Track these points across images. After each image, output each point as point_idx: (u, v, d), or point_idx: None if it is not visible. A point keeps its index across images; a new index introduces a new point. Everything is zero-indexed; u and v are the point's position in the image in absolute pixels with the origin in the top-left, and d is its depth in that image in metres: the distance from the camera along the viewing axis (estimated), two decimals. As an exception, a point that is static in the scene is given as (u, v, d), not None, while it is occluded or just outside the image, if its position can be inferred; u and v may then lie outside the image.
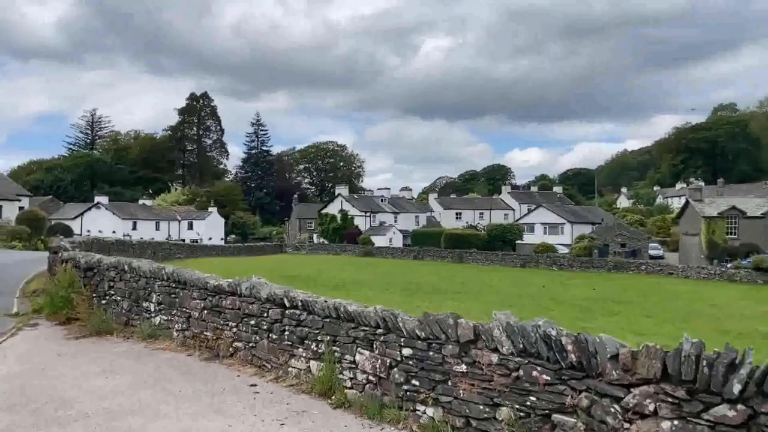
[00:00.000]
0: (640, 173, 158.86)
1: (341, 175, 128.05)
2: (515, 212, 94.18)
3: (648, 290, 35.68)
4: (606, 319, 22.78)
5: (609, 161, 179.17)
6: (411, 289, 31.32)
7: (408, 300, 25.81)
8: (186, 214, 80.00)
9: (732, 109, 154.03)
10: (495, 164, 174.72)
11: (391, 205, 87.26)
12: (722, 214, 54.82)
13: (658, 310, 25.72)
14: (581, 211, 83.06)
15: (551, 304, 26.30)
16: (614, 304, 27.13)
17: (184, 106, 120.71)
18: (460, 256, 62.32)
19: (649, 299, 30.38)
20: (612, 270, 52.57)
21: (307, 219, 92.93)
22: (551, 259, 57.51)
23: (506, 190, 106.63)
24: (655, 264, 53.81)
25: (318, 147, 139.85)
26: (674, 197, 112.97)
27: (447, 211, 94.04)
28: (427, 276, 40.58)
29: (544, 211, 77.53)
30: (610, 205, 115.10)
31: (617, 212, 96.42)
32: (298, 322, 6.21)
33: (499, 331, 4.40)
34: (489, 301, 26.22)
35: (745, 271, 46.56)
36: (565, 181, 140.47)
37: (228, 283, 7.32)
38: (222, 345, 7.36)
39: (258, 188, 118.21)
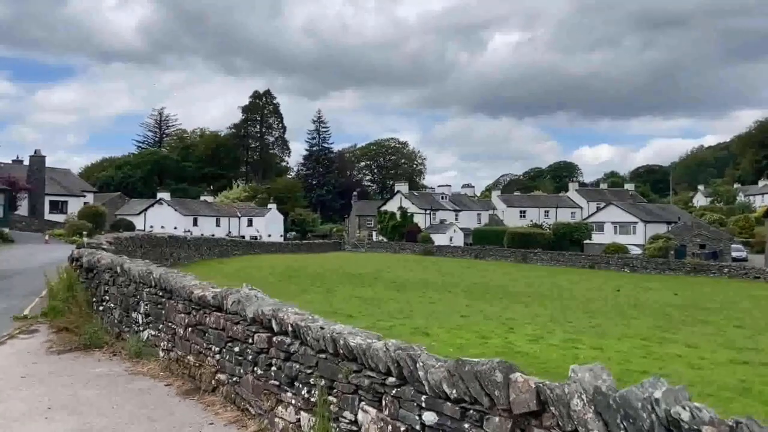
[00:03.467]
0: (718, 170, 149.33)
1: (402, 173, 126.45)
2: (583, 210, 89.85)
3: (738, 296, 32.15)
4: (691, 329, 20.11)
5: (684, 157, 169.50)
6: (475, 291, 29.42)
7: (473, 303, 23.97)
8: (246, 211, 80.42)
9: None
10: (561, 161, 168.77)
11: (452, 203, 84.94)
12: (818, 213, 49.73)
13: (754, 320, 22.67)
14: (655, 210, 78.05)
15: (631, 311, 23.74)
16: (700, 312, 24.24)
17: (248, 104, 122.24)
18: (524, 256, 59.49)
19: (741, 306, 27.15)
20: (691, 273, 48.55)
21: (366, 216, 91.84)
22: (623, 260, 53.90)
23: (573, 188, 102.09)
24: (740, 267, 49.37)
25: (379, 144, 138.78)
26: (757, 195, 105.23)
27: (510, 209, 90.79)
28: (491, 277, 38.48)
29: (614, 209, 73.28)
30: (685, 203, 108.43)
31: (694, 211, 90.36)
32: (288, 354, 4.49)
33: (583, 402, 2.54)
34: (562, 307, 23.98)
35: None
36: (637, 179, 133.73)
37: (213, 295, 5.69)
38: (204, 375, 5.77)
39: (319, 185, 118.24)
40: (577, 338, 16.50)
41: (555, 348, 14.95)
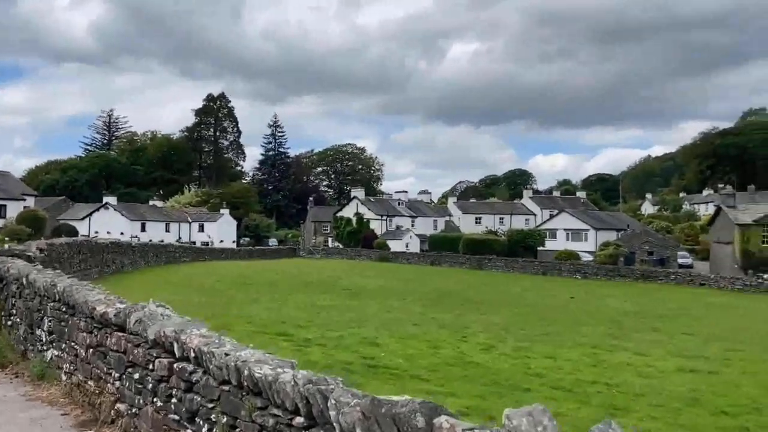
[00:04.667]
0: (665, 179, 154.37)
1: (359, 179, 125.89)
2: (537, 217, 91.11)
3: (683, 303, 32.79)
4: (641, 336, 20.21)
5: (633, 167, 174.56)
6: (430, 298, 29.08)
7: (427, 311, 23.56)
8: (197, 216, 78.37)
9: (762, 114, 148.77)
10: (517, 169, 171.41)
11: (409, 209, 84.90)
12: (758, 222, 51.46)
13: (700, 327, 22.99)
14: (606, 217, 79.74)
15: (582, 318, 23.75)
16: (650, 319, 24.47)
17: (201, 107, 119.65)
18: (479, 263, 59.74)
19: (688, 313, 27.60)
20: (639, 279, 49.56)
21: (322, 222, 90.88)
22: (575, 267, 54.65)
23: (528, 195, 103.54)
24: (686, 273, 50.72)
25: (337, 150, 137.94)
26: (701, 204, 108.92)
27: (466, 216, 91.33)
28: (446, 284, 38.26)
29: (567, 216, 74.47)
30: (634, 211, 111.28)
31: (642, 219, 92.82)
32: (189, 384, 3.85)
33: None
34: (515, 315, 23.81)
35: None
36: (589, 187, 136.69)
37: (116, 312, 4.98)
38: (104, 405, 5.06)
39: (274, 190, 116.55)
40: (530, 347, 16.26)
41: (507, 357, 14.65)
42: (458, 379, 11.86)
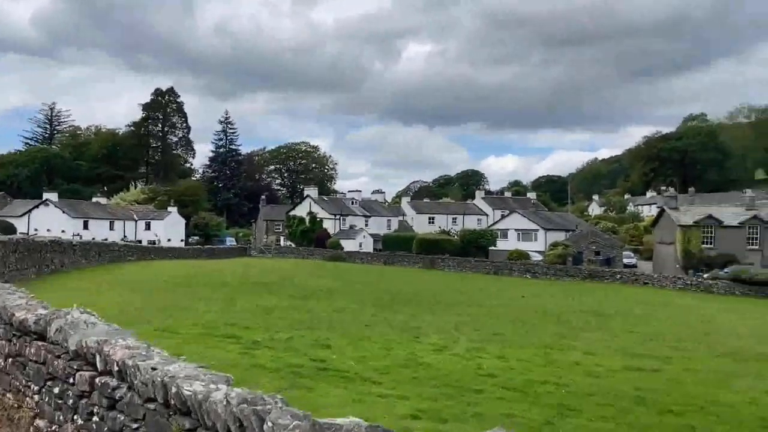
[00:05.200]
0: (611, 181, 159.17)
1: (313, 177, 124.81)
2: (489, 218, 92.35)
3: (628, 302, 33.68)
4: (589, 334, 20.57)
5: (581, 169, 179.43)
6: (383, 298, 28.92)
7: (380, 311, 23.35)
8: (143, 214, 76.01)
9: (702, 119, 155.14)
10: (470, 170, 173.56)
11: (363, 209, 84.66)
12: (698, 223, 53.52)
13: (645, 325, 23.59)
14: (555, 218, 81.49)
15: (533, 318, 24.02)
16: (597, 318, 24.98)
17: (149, 101, 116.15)
18: (432, 262, 60.06)
19: (633, 312, 28.32)
20: (587, 279, 50.77)
21: (275, 221, 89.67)
22: (525, 267, 55.59)
23: (480, 195, 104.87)
24: (630, 273, 52.27)
25: (290, 148, 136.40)
26: (645, 205, 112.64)
27: (420, 216, 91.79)
28: (400, 284, 38.16)
29: (517, 217, 75.74)
30: (582, 212, 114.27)
31: (590, 219, 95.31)
32: (112, 401, 3.46)
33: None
34: (467, 315, 23.87)
35: (723, 282, 45.12)
36: (538, 188, 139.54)
37: (36, 319, 4.52)
38: (23, 420, 4.61)
39: (225, 188, 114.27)
40: (482, 347, 16.27)
41: (459, 358, 14.58)
42: (410, 381, 11.69)
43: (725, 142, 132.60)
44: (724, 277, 45.65)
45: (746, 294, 42.77)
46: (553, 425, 9.06)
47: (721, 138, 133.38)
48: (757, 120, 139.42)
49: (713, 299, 40.09)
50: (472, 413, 9.49)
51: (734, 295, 43.13)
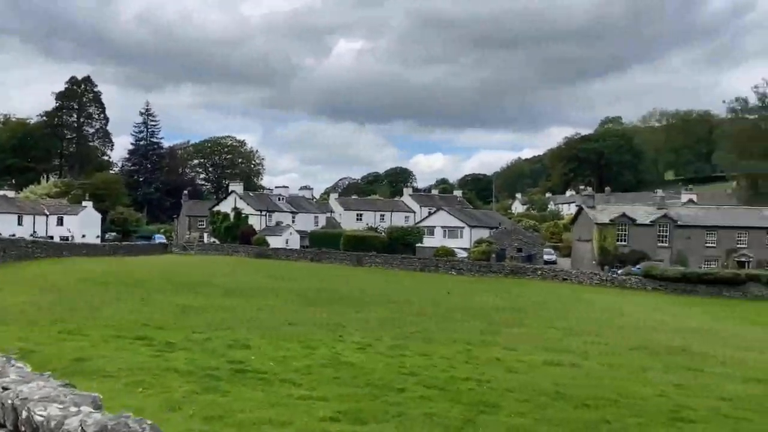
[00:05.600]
0: (533, 180, 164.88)
1: (239, 172, 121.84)
2: (416, 215, 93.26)
3: (548, 297, 34.74)
4: (511, 330, 20.96)
5: (505, 168, 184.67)
6: (308, 295, 28.42)
7: (304, 309, 22.87)
8: (56, 209, 71.59)
9: (618, 122, 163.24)
10: (398, 167, 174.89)
11: (290, 205, 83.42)
12: (613, 222, 56.01)
13: (564, 320, 24.33)
14: (480, 215, 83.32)
15: (457, 314, 24.24)
16: (520, 314, 25.54)
17: (63, 90, 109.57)
18: (359, 259, 59.92)
19: (553, 307, 29.20)
20: (509, 275, 52.05)
21: (198, 217, 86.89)
22: (450, 263, 56.39)
23: (408, 193, 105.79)
24: (550, 270, 54.01)
25: (215, 141, 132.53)
26: (564, 204, 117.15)
27: (348, 212, 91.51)
28: (326, 281, 37.71)
29: (444, 214, 76.88)
30: (505, 210, 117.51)
31: (513, 217, 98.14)
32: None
33: None
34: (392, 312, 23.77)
35: (636, 278, 47.44)
36: (465, 186, 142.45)
37: None
38: None
39: (145, 182, 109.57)
40: (405, 345, 16.19)
41: (382, 356, 14.42)
42: (331, 381, 11.39)
43: (639, 144, 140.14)
44: (637, 273, 48.01)
45: (656, 289, 45.18)
46: (474, 423, 9.00)
47: (635, 140, 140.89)
48: (667, 124, 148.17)
49: (627, 294, 42.09)
50: (394, 413, 9.30)
51: (646, 290, 45.45)
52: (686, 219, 55.93)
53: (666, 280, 45.43)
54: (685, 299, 41.03)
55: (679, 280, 45.12)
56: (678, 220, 55.26)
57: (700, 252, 53.77)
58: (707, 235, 54.50)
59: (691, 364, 14.75)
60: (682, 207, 62.66)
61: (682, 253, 53.08)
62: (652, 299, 39.14)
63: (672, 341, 19.56)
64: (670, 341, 19.53)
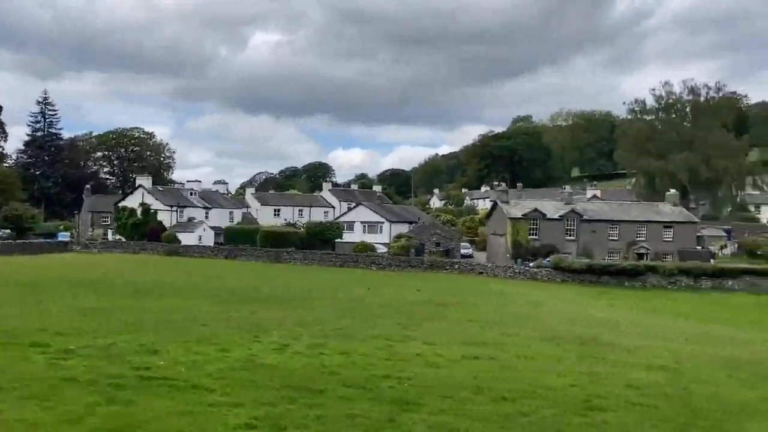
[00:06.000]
0: (450, 176, 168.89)
1: (147, 166, 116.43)
2: (336, 210, 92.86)
3: (467, 291, 35.47)
4: (430, 325, 21.09)
5: (423, 164, 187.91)
6: (223, 295, 27.45)
7: (218, 309, 21.94)
8: (-61, 205, 65.71)
9: (528, 121, 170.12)
10: (317, 162, 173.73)
11: (203, 200, 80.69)
12: (525, 216, 58.05)
13: (481, 313, 24.83)
14: (399, 211, 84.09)
15: (378, 309, 24.15)
16: (439, 308, 25.82)
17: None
18: (278, 256, 58.91)
19: (470, 301, 29.78)
20: (429, 269, 52.87)
21: (102, 213, 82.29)
22: (371, 259, 56.54)
23: (327, 188, 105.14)
24: (467, 263, 55.32)
25: (121, 133, 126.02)
26: (480, 199, 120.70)
27: (265, 208, 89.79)
28: (242, 279, 36.67)
29: (363, 209, 76.93)
30: (424, 205, 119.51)
31: (431, 212, 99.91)
32: None
33: None
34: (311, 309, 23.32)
35: (546, 270, 49.46)
36: (384, 181, 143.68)
37: None
38: None
39: (43, 176, 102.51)
40: (324, 343, 15.83)
41: (301, 356, 14.00)
42: (247, 385, 10.87)
43: (547, 142, 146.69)
44: (547, 266, 50.06)
45: (565, 280, 47.31)
46: (395, 422, 8.82)
47: (544, 139, 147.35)
48: (573, 123, 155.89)
49: (538, 286, 43.79)
50: (314, 416, 8.96)
51: (555, 281, 47.49)
52: (591, 214, 58.90)
53: (573, 272, 47.66)
54: (591, 289, 43.22)
55: (585, 272, 47.45)
56: (584, 215, 58.08)
57: (604, 245, 56.80)
58: (610, 229, 57.63)
59: (600, 354, 15.35)
60: (587, 202, 66.02)
61: (588, 246, 55.85)
62: (562, 290, 40.92)
63: (582, 331, 20.36)
64: (581, 331, 20.32)
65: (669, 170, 78.06)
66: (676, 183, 75.15)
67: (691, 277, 46.11)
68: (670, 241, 56.94)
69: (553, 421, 8.88)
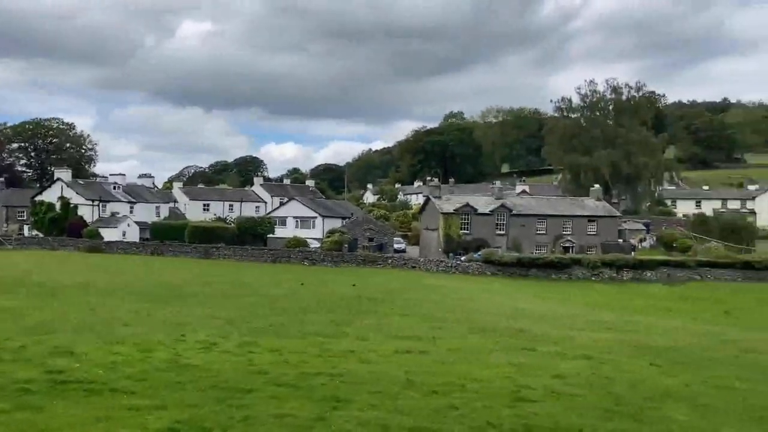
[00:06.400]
0: (384, 171, 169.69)
1: (68, 158, 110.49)
2: (267, 205, 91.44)
3: (400, 285, 35.60)
4: (364, 319, 20.98)
5: (357, 159, 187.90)
6: (147, 292, 26.31)
7: (142, 308, 20.96)
8: None
9: (460, 117, 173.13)
10: (248, 156, 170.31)
11: (128, 194, 77.38)
12: (457, 211, 58.96)
13: (413, 307, 24.95)
14: (332, 206, 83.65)
15: (310, 305, 23.79)
16: (372, 303, 25.74)
17: None
18: (207, 252, 57.31)
19: (403, 295, 29.88)
20: (362, 264, 52.80)
21: (18, 207, 77.56)
22: (303, 254, 55.94)
23: (258, 182, 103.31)
24: (400, 258, 55.62)
25: (38, 124, 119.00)
26: (413, 194, 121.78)
27: (194, 203, 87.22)
28: (168, 276, 35.35)
29: (296, 204, 76.11)
30: (357, 200, 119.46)
31: (364, 207, 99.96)
32: None
33: None
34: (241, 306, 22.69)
35: (477, 263, 50.44)
36: (317, 176, 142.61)
37: None
38: None
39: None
40: (254, 341, 15.42)
41: (229, 355, 13.56)
42: (171, 386, 10.39)
43: (478, 138, 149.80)
44: (478, 260, 51.04)
45: (495, 274, 48.38)
46: (325, 420, 8.63)
47: (475, 135, 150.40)
48: (503, 120, 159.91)
49: (469, 280, 44.58)
50: (240, 417, 8.64)
51: (486, 275, 48.47)
52: (520, 208, 60.55)
53: (503, 265, 48.81)
54: (520, 282, 44.42)
55: (515, 265, 48.71)
56: (513, 210, 59.61)
57: (532, 239, 58.54)
58: (538, 223, 59.45)
59: (528, 345, 15.70)
60: (516, 197, 67.79)
61: (517, 240, 57.39)
62: (492, 283, 41.82)
63: (511, 323, 20.80)
64: (510, 323, 20.76)
65: (593, 166, 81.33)
66: (599, 178, 78.35)
67: (614, 269, 48.16)
68: (594, 235, 59.37)
69: (483, 413, 8.93)
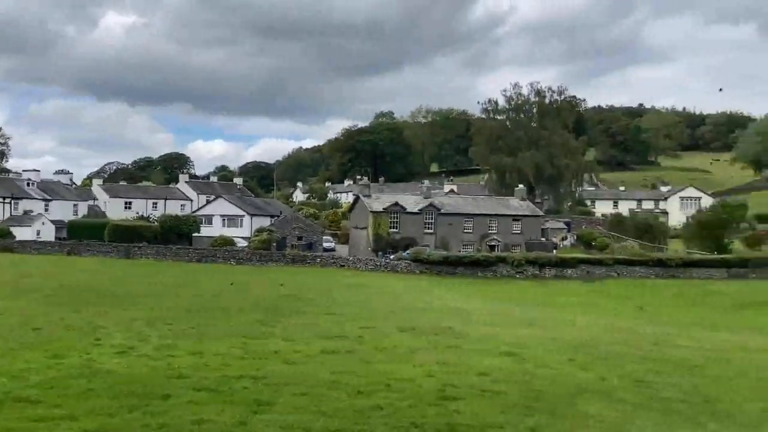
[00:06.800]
0: (314, 169, 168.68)
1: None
2: (193, 203, 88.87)
3: (329, 284, 35.40)
4: (289, 320, 20.67)
5: (287, 157, 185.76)
6: (60, 295, 24.89)
7: (54, 311, 19.78)
8: None
9: (390, 116, 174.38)
10: (174, 152, 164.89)
11: (42, 191, 73.27)
12: (386, 210, 59.40)
13: (341, 306, 24.84)
14: (261, 204, 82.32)
15: (236, 306, 23.20)
16: (300, 302, 25.43)
17: None
18: (128, 251, 55.04)
19: (331, 294, 29.71)
20: (290, 263, 52.22)
21: None
22: (230, 253, 54.75)
23: (184, 180, 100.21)
24: (330, 257, 55.41)
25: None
26: (343, 193, 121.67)
27: (115, 200, 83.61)
28: (84, 277, 33.62)
29: (223, 202, 74.44)
30: (287, 198, 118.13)
31: (294, 206, 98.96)
32: None
33: None
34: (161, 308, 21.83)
35: (406, 262, 50.93)
36: (246, 174, 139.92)
37: None
38: None
39: None
40: (174, 344, 14.88)
41: (147, 359, 13.00)
42: (82, 394, 9.83)
43: (408, 137, 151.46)
44: (406, 258, 51.54)
45: (423, 272, 49.00)
46: (246, 425, 8.40)
47: (405, 134, 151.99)
48: (432, 120, 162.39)
49: (398, 278, 44.93)
50: (156, 425, 8.28)
51: (414, 273, 49.00)
52: (448, 208, 61.68)
53: (431, 264, 49.51)
54: (447, 280, 45.18)
55: (442, 263, 49.50)
56: (441, 209, 60.64)
57: (460, 237, 59.75)
58: (465, 222, 60.75)
59: (454, 343, 15.92)
60: (444, 197, 69.02)
61: (445, 239, 58.42)
62: (420, 282, 42.32)
63: (437, 321, 21.06)
64: (436, 321, 21.01)
65: (518, 167, 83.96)
66: (524, 179, 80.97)
67: (537, 267, 49.83)
68: (518, 234, 61.26)
69: (408, 413, 8.95)
